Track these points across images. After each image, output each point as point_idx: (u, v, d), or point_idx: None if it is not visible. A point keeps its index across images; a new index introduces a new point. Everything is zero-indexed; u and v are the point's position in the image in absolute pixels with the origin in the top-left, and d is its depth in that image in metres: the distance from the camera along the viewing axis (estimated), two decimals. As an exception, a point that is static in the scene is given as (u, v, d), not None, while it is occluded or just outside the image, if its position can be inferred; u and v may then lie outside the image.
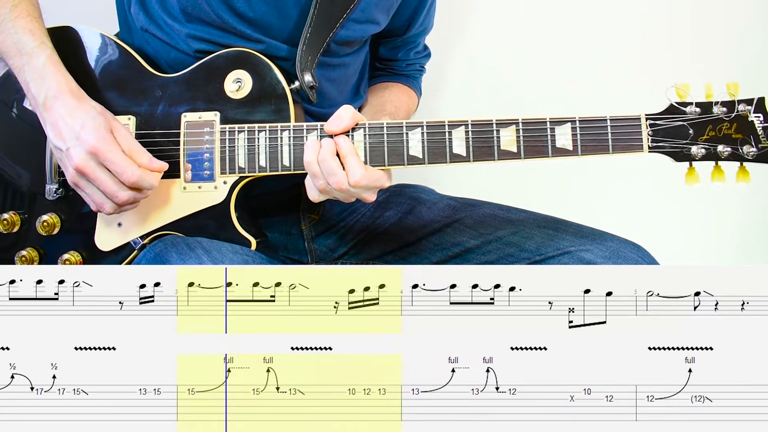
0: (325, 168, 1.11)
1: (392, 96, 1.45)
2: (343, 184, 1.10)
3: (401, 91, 1.48)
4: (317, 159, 1.12)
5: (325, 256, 1.38)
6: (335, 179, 1.10)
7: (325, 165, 1.11)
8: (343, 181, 1.10)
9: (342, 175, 1.10)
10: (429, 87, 1.62)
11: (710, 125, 1.08)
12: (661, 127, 1.09)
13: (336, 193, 1.13)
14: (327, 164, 1.11)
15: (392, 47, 1.48)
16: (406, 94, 1.49)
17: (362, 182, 1.10)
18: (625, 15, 1.84)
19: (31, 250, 1.23)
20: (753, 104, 1.07)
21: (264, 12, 1.22)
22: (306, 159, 1.13)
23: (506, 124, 1.12)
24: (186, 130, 1.20)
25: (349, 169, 1.11)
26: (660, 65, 1.82)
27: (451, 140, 1.13)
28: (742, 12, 1.85)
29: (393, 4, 1.35)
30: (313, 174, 1.13)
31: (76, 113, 1.12)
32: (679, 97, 1.09)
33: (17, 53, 1.16)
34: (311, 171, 1.13)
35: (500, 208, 1.34)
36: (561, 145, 1.10)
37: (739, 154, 1.07)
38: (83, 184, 1.13)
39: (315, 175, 1.12)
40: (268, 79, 1.20)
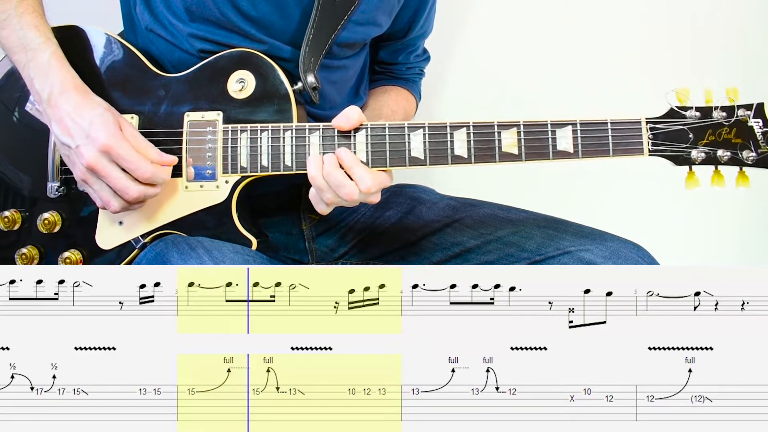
0: (332, 181, 1.11)
1: (390, 100, 1.45)
2: (354, 195, 1.11)
3: (399, 94, 1.48)
4: (322, 174, 1.12)
5: (326, 256, 1.38)
6: (346, 191, 1.11)
7: (332, 178, 1.11)
8: (354, 191, 1.10)
9: (351, 185, 1.11)
10: (429, 89, 1.62)
11: (710, 129, 1.08)
12: (662, 130, 1.09)
13: (345, 203, 1.13)
14: (333, 177, 1.11)
15: (392, 50, 1.48)
16: (404, 98, 1.49)
17: (373, 188, 1.11)
18: (626, 18, 1.84)
19: (32, 248, 1.23)
20: (752, 109, 1.07)
21: (266, 11, 1.22)
22: (310, 174, 1.13)
23: (507, 126, 1.12)
24: (189, 130, 1.20)
25: (358, 178, 1.11)
26: (660, 69, 1.82)
27: (452, 142, 1.13)
28: (742, 15, 1.85)
29: (394, 7, 1.35)
30: (318, 188, 1.13)
31: (82, 110, 1.12)
32: (680, 102, 1.09)
33: (22, 49, 1.16)
34: (317, 185, 1.13)
35: (500, 208, 1.34)
36: (562, 148, 1.11)
37: (738, 158, 1.08)
38: (92, 181, 1.13)
39: (321, 189, 1.12)
40: (271, 79, 1.20)
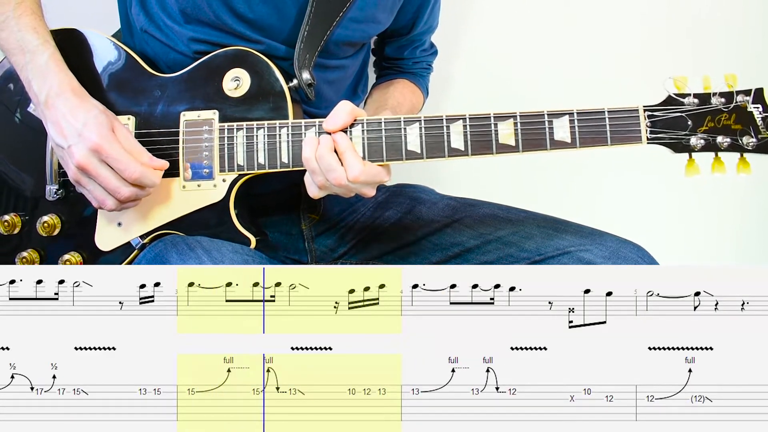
0: (323, 164, 1.11)
1: (396, 92, 1.45)
2: (342, 180, 1.10)
3: (405, 86, 1.48)
4: (315, 155, 1.12)
5: (325, 256, 1.38)
6: (334, 175, 1.10)
7: (324, 161, 1.11)
8: (342, 176, 1.10)
9: (341, 171, 1.10)
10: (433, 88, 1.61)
11: (709, 116, 1.07)
12: (660, 118, 1.08)
13: (335, 189, 1.13)
14: (325, 160, 1.11)
15: (398, 46, 1.48)
16: (410, 90, 1.48)
17: (361, 178, 1.10)
18: (623, 7, 1.83)
19: (32, 251, 1.23)
20: (751, 95, 1.06)
21: (264, 13, 1.22)
22: (304, 155, 1.13)
23: (504, 117, 1.12)
24: (185, 129, 1.20)
25: (348, 165, 1.11)
26: (658, 57, 1.81)
27: (449, 134, 1.13)
28: (742, 5, 1.84)
29: (395, 3, 1.35)
30: (311, 170, 1.13)
31: (78, 111, 1.12)
32: (677, 89, 1.09)
33: (20, 51, 1.16)
34: (310, 167, 1.13)
35: (500, 208, 1.34)
36: (559, 138, 1.10)
37: (738, 144, 1.07)
38: (85, 181, 1.13)
39: (314, 171, 1.12)
40: (266, 77, 1.20)
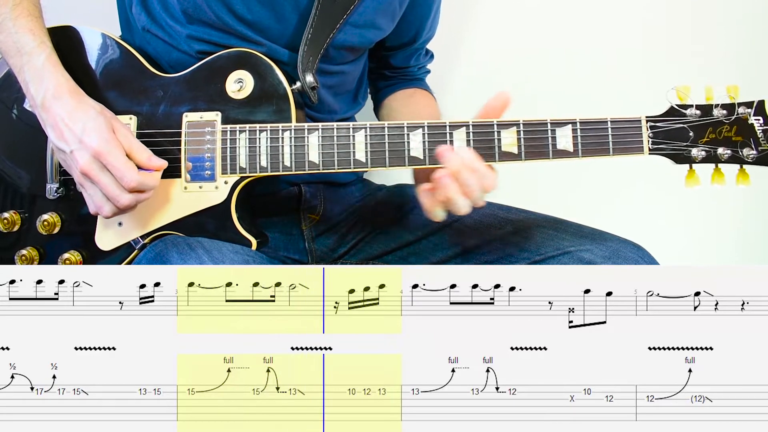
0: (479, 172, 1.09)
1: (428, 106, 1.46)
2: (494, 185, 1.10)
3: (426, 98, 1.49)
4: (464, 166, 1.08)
5: (325, 256, 1.38)
6: (489, 181, 1.09)
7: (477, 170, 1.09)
8: (494, 181, 1.10)
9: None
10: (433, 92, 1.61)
11: (710, 128, 1.08)
12: (662, 129, 1.09)
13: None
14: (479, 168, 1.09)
15: (405, 56, 1.49)
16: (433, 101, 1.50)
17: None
18: (626, 17, 1.84)
19: (32, 250, 1.23)
20: (753, 107, 1.07)
21: (262, 15, 1.22)
22: (453, 167, 1.08)
23: (507, 125, 1.12)
24: (187, 130, 1.20)
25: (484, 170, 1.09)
26: (660, 67, 1.82)
27: (452, 142, 1.13)
28: (742, 13, 1.85)
29: (396, 10, 1.35)
30: (464, 182, 1.08)
31: (76, 115, 1.12)
32: (680, 100, 1.09)
33: (17, 53, 1.16)
34: (463, 179, 1.08)
35: (500, 208, 1.34)
36: (562, 147, 1.11)
37: (739, 156, 1.08)
38: (87, 186, 1.13)
39: (466, 183, 1.08)
40: (269, 79, 1.20)
